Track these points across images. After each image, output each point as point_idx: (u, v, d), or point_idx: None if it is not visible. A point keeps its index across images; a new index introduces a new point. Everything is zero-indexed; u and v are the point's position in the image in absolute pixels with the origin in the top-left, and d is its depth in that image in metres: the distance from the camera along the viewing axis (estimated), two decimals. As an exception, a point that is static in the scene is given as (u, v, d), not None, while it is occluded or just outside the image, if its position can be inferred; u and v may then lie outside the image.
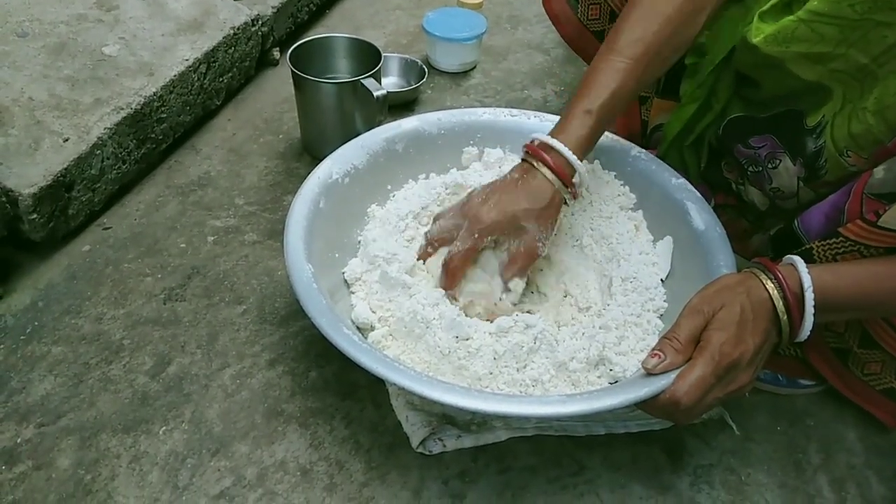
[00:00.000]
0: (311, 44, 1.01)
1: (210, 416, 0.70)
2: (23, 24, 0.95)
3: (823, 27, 0.57)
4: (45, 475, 0.65)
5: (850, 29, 0.56)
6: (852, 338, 0.66)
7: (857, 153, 0.60)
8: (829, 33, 0.57)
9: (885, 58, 0.56)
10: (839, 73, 0.59)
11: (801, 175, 0.66)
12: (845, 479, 0.69)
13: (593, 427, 0.69)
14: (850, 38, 0.57)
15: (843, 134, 0.60)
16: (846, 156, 0.61)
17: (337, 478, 0.66)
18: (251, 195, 0.96)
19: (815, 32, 0.58)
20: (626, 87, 0.66)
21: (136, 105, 0.91)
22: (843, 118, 0.60)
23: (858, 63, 0.58)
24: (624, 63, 0.65)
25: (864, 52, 0.57)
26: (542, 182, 0.65)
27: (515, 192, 0.66)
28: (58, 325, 0.78)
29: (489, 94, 1.20)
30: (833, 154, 0.62)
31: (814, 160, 0.64)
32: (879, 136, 0.57)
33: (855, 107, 0.59)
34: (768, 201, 0.72)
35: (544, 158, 0.65)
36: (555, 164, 0.65)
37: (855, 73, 0.59)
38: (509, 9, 1.45)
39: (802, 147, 0.65)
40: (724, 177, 0.77)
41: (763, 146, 0.69)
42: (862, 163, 0.59)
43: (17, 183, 0.78)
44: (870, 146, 0.58)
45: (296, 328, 0.79)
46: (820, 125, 0.63)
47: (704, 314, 0.57)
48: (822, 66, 0.60)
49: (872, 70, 0.57)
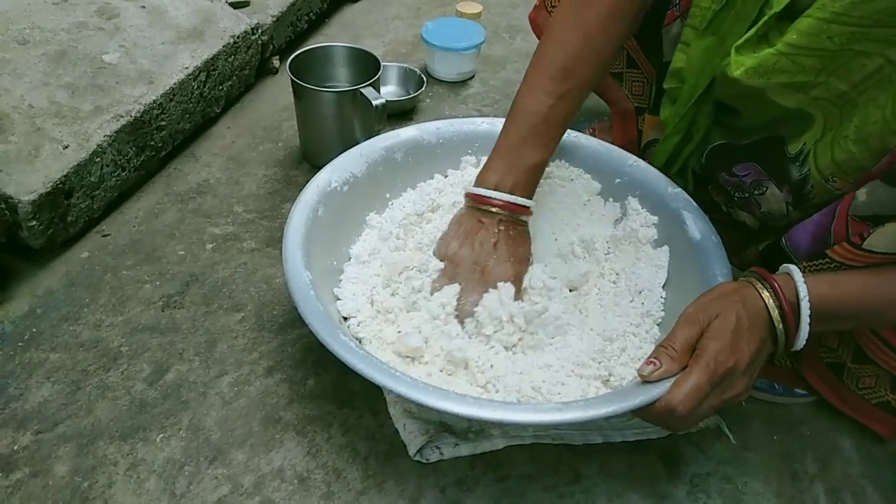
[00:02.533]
0: (311, 53, 1.02)
1: (208, 423, 0.70)
2: (23, 31, 0.96)
3: (804, 59, 0.58)
4: (42, 482, 0.65)
5: (830, 59, 0.56)
6: (846, 353, 0.67)
7: (842, 178, 0.60)
8: (809, 64, 0.58)
9: (864, 85, 0.56)
10: (820, 100, 0.60)
11: (788, 200, 0.66)
12: (841, 488, 0.70)
13: (590, 435, 0.69)
14: (829, 68, 0.57)
15: (826, 162, 0.60)
16: (832, 181, 0.61)
17: (334, 486, 0.66)
18: (250, 203, 0.97)
19: (796, 64, 0.58)
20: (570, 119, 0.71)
21: (136, 113, 0.91)
22: (824, 146, 0.61)
23: (839, 90, 0.58)
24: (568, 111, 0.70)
25: (844, 79, 0.57)
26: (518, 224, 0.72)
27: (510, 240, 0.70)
28: (56, 332, 0.78)
29: (487, 103, 1.21)
30: (819, 181, 0.62)
31: (800, 187, 0.64)
32: (863, 163, 0.57)
33: (836, 135, 0.59)
34: (759, 223, 0.73)
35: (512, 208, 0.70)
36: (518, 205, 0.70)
37: (835, 100, 0.59)
38: (507, 19, 1.46)
39: (787, 174, 0.65)
40: (713, 200, 0.77)
41: (747, 174, 0.69)
42: (848, 187, 0.60)
43: (16, 190, 0.78)
44: (854, 172, 0.59)
45: (294, 336, 0.79)
46: (802, 153, 0.63)
47: (700, 323, 0.57)
48: (803, 94, 0.60)
49: (852, 97, 0.58)
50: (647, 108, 0.85)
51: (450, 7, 1.45)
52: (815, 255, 0.59)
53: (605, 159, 0.81)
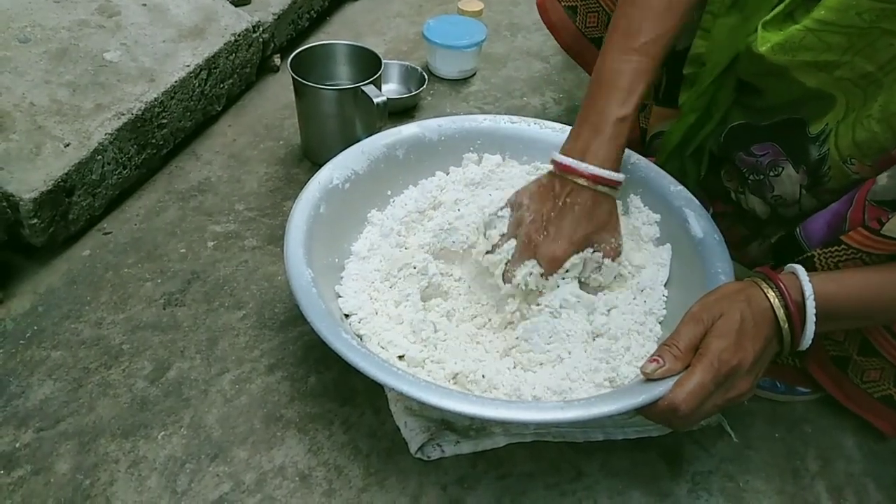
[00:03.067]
0: (312, 50, 1.02)
1: (209, 421, 0.70)
2: (24, 29, 0.95)
3: (831, 36, 0.57)
4: (43, 480, 0.65)
5: (858, 37, 0.56)
6: (852, 345, 0.67)
7: (860, 161, 0.60)
8: (836, 42, 0.57)
9: (890, 66, 0.56)
10: (843, 80, 0.59)
11: (803, 183, 0.66)
12: (843, 486, 0.70)
13: (592, 433, 0.69)
14: (856, 46, 0.57)
15: (847, 142, 0.60)
16: (850, 163, 0.61)
17: (336, 483, 0.66)
18: (251, 201, 0.97)
19: (822, 41, 0.58)
20: (649, 88, 0.67)
21: (137, 111, 0.91)
22: (846, 126, 0.60)
23: (864, 71, 0.58)
24: (647, 64, 0.65)
25: (870, 60, 0.57)
26: (595, 198, 0.66)
27: (573, 215, 0.66)
28: (57, 330, 0.78)
29: (489, 100, 1.21)
30: (836, 162, 0.62)
31: (817, 168, 0.64)
32: (885, 143, 0.57)
33: (859, 115, 0.59)
34: (769, 209, 0.72)
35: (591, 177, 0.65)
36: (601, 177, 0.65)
37: (859, 80, 0.59)
38: (509, 16, 1.46)
39: (805, 155, 0.65)
40: (723, 185, 0.77)
41: (765, 154, 0.69)
42: (865, 170, 0.59)
43: (17, 188, 0.78)
44: (874, 154, 0.58)
45: (295, 333, 0.79)
46: (823, 133, 0.63)
47: (704, 322, 0.57)
48: (827, 73, 0.60)
49: (877, 78, 0.57)
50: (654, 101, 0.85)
51: (451, 5, 1.44)
52: (830, 243, 0.58)
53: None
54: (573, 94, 1.23)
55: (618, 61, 0.66)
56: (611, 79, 0.66)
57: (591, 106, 0.67)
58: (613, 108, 0.65)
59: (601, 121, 0.65)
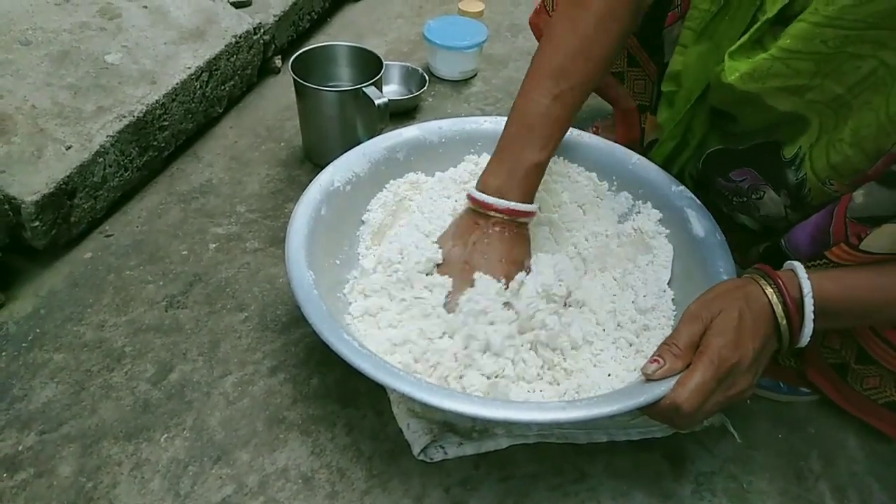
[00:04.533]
0: (313, 52, 1.02)
1: (211, 423, 0.70)
2: (26, 32, 0.96)
3: (798, 63, 0.57)
4: (46, 483, 0.65)
5: (825, 62, 0.56)
6: (849, 354, 0.67)
7: (839, 181, 0.60)
8: (803, 67, 0.58)
9: (858, 88, 0.56)
10: (815, 103, 0.60)
11: (787, 204, 0.66)
12: (847, 486, 0.69)
13: (595, 434, 0.69)
14: (824, 70, 0.57)
15: (822, 165, 0.60)
16: (829, 184, 0.61)
17: (338, 485, 0.66)
18: (253, 202, 0.97)
19: (790, 68, 0.58)
20: (569, 119, 0.71)
21: (139, 113, 0.91)
22: (820, 149, 0.60)
23: (833, 93, 0.58)
24: (566, 111, 0.70)
25: (839, 82, 0.57)
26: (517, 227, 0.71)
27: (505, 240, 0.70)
28: (59, 333, 0.78)
29: (490, 102, 1.21)
30: (816, 184, 0.62)
31: (797, 190, 0.64)
32: (858, 165, 0.57)
33: (831, 138, 0.59)
34: (759, 225, 0.73)
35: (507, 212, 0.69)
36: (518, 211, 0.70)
37: (830, 102, 0.59)
38: (510, 17, 1.46)
39: (783, 179, 0.65)
40: (713, 202, 0.77)
41: (744, 179, 0.69)
42: (845, 188, 0.59)
43: (19, 190, 0.78)
44: (850, 175, 0.59)
45: (297, 335, 0.79)
46: (797, 157, 0.63)
47: (703, 320, 0.57)
48: (798, 97, 0.60)
49: (847, 100, 0.57)
50: (650, 107, 0.85)
51: (452, 5, 1.45)
52: (815, 257, 0.59)
53: (607, 157, 0.81)
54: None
55: (539, 105, 0.69)
56: (530, 122, 0.69)
57: (509, 147, 0.71)
58: (529, 154, 0.69)
59: (518, 166, 0.69)
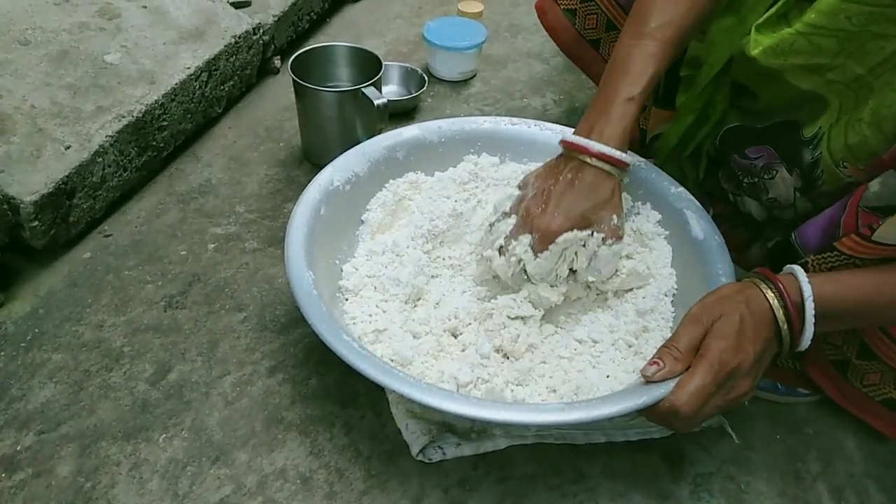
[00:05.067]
0: (312, 52, 1.02)
1: (210, 423, 0.70)
2: (25, 32, 0.96)
3: (821, 39, 0.58)
4: (44, 483, 0.65)
5: (848, 41, 0.56)
6: (850, 349, 0.67)
7: (853, 164, 0.60)
8: (827, 45, 0.58)
9: (881, 69, 0.56)
10: (836, 83, 0.60)
11: (797, 186, 0.66)
12: (844, 487, 0.70)
13: (593, 435, 0.69)
14: (847, 49, 0.57)
15: (839, 145, 0.60)
16: (842, 167, 0.61)
17: (337, 486, 0.66)
18: (252, 203, 0.97)
19: (813, 45, 0.58)
20: (660, 72, 0.66)
21: (138, 113, 0.91)
22: (839, 129, 0.60)
23: (855, 74, 0.58)
24: (657, 47, 0.65)
25: (861, 62, 0.57)
26: (598, 175, 0.65)
27: (573, 191, 0.65)
28: (58, 333, 0.78)
29: (489, 102, 1.21)
30: (829, 165, 0.62)
31: (810, 171, 0.64)
32: (875, 147, 0.57)
33: (851, 118, 0.59)
34: (766, 212, 0.72)
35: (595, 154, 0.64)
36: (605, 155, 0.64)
37: (851, 83, 0.59)
38: (509, 18, 1.46)
39: (799, 158, 0.65)
40: (721, 187, 0.77)
41: (760, 157, 0.69)
42: (858, 174, 0.60)
43: (18, 190, 0.78)
44: (866, 157, 0.59)
45: (296, 336, 0.79)
46: (816, 136, 0.63)
47: (704, 323, 0.57)
48: (820, 76, 0.60)
49: (868, 81, 0.58)
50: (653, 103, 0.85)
51: (451, 6, 1.45)
52: (824, 249, 0.59)
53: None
54: (574, 96, 1.23)
55: (628, 46, 0.66)
56: (620, 63, 0.66)
57: (601, 90, 0.67)
58: (621, 90, 0.65)
59: (608, 102, 0.66)
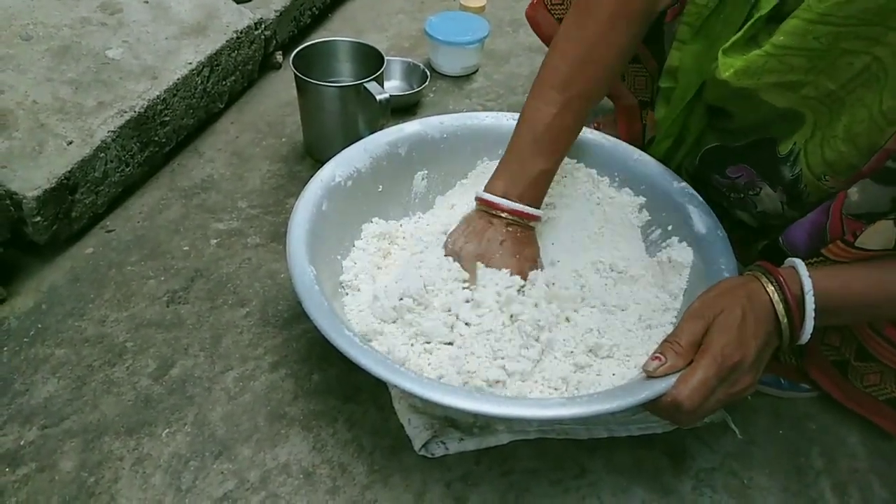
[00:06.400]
0: (314, 47, 1.01)
1: (213, 418, 0.70)
2: (27, 27, 0.95)
3: (792, 59, 0.58)
4: (48, 477, 0.65)
5: (819, 58, 0.57)
6: (848, 351, 0.67)
7: (834, 177, 0.60)
8: (798, 63, 0.58)
9: (852, 84, 0.56)
10: (810, 99, 0.60)
11: (783, 200, 0.67)
12: (847, 483, 0.69)
13: (595, 430, 0.69)
14: (818, 67, 0.57)
15: (817, 161, 0.61)
16: (825, 180, 0.61)
17: (339, 480, 0.66)
18: (254, 198, 0.97)
19: (784, 63, 0.58)
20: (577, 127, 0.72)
21: (140, 108, 0.91)
22: (815, 145, 0.61)
23: (827, 89, 0.58)
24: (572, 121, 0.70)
25: (833, 78, 0.57)
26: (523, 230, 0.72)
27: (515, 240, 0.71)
28: (61, 328, 0.78)
29: (491, 97, 1.21)
30: (811, 180, 0.62)
31: (793, 186, 0.64)
32: (853, 161, 0.58)
33: (825, 134, 0.60)
34: (757, 221, 0.73)
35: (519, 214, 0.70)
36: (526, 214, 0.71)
37: (824, 98, 0.59)
38: (511, 12, 1.45)
39: (779, 175, 0.65)
40: (710, 199, 0.78)
41: (740, 176, 0.70)
42: (841, 185, 0.60)
43: (20, 186, 0.79)
44: (845, 171, 0.59)
45: (298, 331, 0.79)
46: (792, 153, 0.63)
47: (705, 318, 0.57)
48: (794, 92, 0.60)
49: (841, 97, 0.58)
50: (650, 103, 0.85)
51: (453, 1, 1.44)
52: (812, 254, 0.59)
53: (609, 154, 0.81)
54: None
55: (546, 115, 0.70)
56: (538, 133, 0.70)
57: (517, 155, 0.71)
58: (537, 163, 0.70)
59: (525, 173, 0.70)
